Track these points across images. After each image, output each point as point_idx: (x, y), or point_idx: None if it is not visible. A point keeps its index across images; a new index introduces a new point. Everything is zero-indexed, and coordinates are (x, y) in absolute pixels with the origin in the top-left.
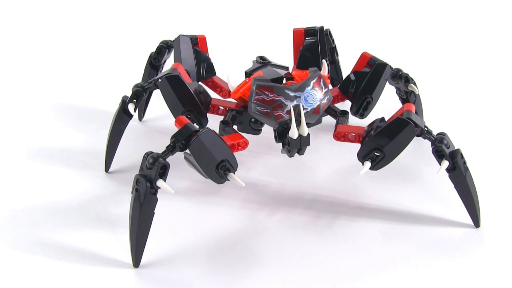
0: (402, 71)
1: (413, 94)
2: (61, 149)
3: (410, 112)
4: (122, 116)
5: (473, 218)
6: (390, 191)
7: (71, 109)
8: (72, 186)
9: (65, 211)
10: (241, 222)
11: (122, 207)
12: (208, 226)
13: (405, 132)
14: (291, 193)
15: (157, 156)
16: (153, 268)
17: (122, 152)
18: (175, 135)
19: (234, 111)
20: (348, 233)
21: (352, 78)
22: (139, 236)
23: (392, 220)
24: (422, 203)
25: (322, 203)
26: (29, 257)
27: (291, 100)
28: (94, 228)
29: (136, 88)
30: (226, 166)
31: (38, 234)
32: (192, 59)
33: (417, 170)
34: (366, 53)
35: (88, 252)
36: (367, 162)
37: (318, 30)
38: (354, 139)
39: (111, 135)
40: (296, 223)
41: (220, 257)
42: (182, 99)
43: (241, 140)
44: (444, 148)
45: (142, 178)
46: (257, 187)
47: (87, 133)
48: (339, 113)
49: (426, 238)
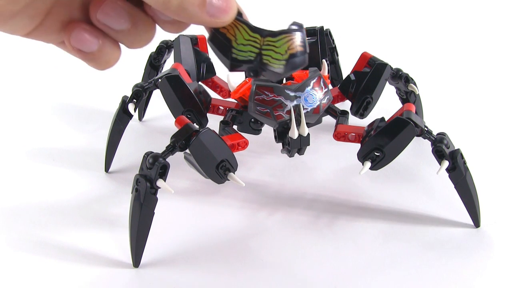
0: (402, 71)
1: (413, 94)
2: (61, 149)
3: (410, 112)
4: (122, 116)
5: (473, 218)
6: (390, 191)
7: (71, 109)
8: (72, 186)
9: (65, 211)
10: (241, 222)
11: (122, 207)
12: (208, 226)
13: (405, 132)
14: (291, 193)
15: (157, 156)
16: (153, 268)
17: (122, 152)
18: (175, 135)
19: (234, 111)
20: (348, 233)
21: (352, 78)
22: (139, 236)
23: (392, 220)
24: (422, 203)
25: (322, 203)
26: (29, 257)
27: (291, 100)
28: (94, 228)
29: (136, 88)
30: (226, 166)
31: (38, 234)
32: (192, 59)
33: (417, 170)
34: (366, 53)
35: (88, 252)
36: (367, 162)
37: (318, 30)
38: (354, 139)
39: (111, 135)
40: (296, 223)
41: (220, 257)
42: (182, 99)
43: (241, 140)
44: (444, 148)
45: (142, 178)
46: (257, 187)
47: (87, 133)
48: (339, 113)
49: (426, 238)
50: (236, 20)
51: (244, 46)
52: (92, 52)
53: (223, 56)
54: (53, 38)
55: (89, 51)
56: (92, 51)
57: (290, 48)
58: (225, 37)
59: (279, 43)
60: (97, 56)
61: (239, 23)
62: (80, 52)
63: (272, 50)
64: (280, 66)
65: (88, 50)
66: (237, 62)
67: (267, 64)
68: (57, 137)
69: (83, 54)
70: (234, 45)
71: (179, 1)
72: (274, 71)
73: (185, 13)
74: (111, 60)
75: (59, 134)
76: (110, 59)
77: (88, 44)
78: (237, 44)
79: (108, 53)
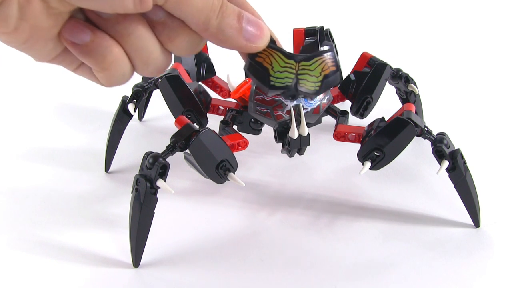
0: (402, 71)
1: (413, 94)
2: (61, 149)
3: (410, 112)
4: (122, 116)
5: (473, 218)
6: (390, 191)
7: (71, 109)
8: (72, 186)
9: (65, 211)
10: (241, 222)
11: (122, 207)
12: (208, 226)
13: (405, 132)
14: (291, 193)
15: (157, 156)
16: (153, 268)
17: (122, 152)
18: (175, 135)
19: (234, 111)
20: (348, 233)
21: (352, 78)
22: (139, 236)
23: (392, 220)
24: (422, 203)
25: (322, 203)
26: (29, 257)
27: (291, 100)
28: (94, 228)
29: (136, 88)
30: (226, 166)
31: (38, 234)
32: (192, 59)
33: (417, 170)
34: (366, 53)
35: (88, 252)
36: (367, 162)
37: (318, 30)
38: (354, 139)
39: (111, 135)
40: (296, 223)
41: (220, 257)
42: (182, 99)
43: (241, 140)
44: (444, 148)
45: (142, 178)
46: (257, 187)
47: (87, 133)
48: (339, 113)
49: (426, 238)
50: (270, 48)
51: (281, 73)
52: (85, 43)
53: (261, 84)
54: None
55: (82, 42)
56: (85, 42)
57: (323, 69)
58: (262, 66)
59: (313, 66)
60: (91, 49)
61: (273, 51)
62: (74, 44)
63: (307, 74)
64: (316, 88)
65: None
66: (275, 89)
67: (304, 87)
68: (57, 137)
69: (77, 46)
70: (271, 73)
71: (218, 23)
72: (311, 93)
73: (223, 35)
74: (112, 59)
75: (59, 134)
76: (106, 53)
77: (80, 35)
78: (274, 72)
79: (102, 46)
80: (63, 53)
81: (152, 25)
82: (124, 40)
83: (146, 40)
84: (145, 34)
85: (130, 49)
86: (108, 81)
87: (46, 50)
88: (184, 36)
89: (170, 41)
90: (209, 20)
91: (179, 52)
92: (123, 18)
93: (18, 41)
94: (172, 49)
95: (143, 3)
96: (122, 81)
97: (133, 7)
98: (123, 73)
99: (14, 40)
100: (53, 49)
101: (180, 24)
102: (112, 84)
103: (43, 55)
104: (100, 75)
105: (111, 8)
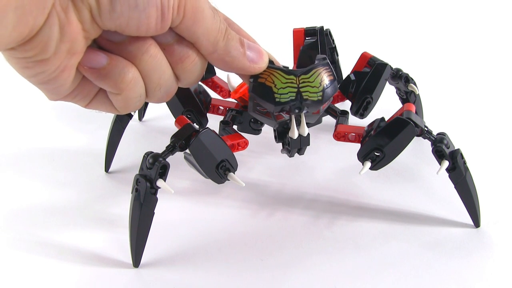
0: (402, 71)
1: (413, 94)
2: (61, 149)
3: (410, 112)
4: (122, 116)
5: (473, 218)
6: (390, 191)
7: (71, 109)
8: (72, 186)
9: (65, 211)
10: (241, 222)
11: (122, 207)
12: (208, 226)
13: (405, 132)
14: (291, 193)
15: (157, 156)
16: (153, 268)
17: (122, 152)
18: (175, 135)
19: (234, 111)
20: (348, 233)
21: (352, 78)
22: (139, 236)
23: (392, 220)
24: (422, 203)
25: (322, 203)
26: (29, 257)
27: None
28: (94, 228)
29: None
30: (226, 166)
31: (38, 234)
32: None
33: (417, 170)
34: (366, 53)
35: (88, 252)
36: (367, 162)
37: (318, 30)
38: (354, 139)
39: (111, 135)
40: (296, 223)
41: (220, 257)
42: (182, 99)
43: (241, 140)
44: (444, 148)
45: (142, 178)
46: (257, 187)
47: (87, 133)
48: (339, 113)
49: (426, 238)
50: (270, 68)
51: (283, 89)
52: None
53: (267, 102)
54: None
55: (98, 66)
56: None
57: (322, 80)
58: (265, 85)
59: (312, 78)
60: (108, 71)
61: (274, 70)
62: (92, 69)
63: (308, 86)
64: (319, 97)
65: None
66: (281, 105)
67: (308, 98)
68: (57, 137)
69: (95, 71)
70: (275, 90)
71: (225, 45)
72: (315, 103)
73: (229, 56)
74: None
75: (59, 134)
76: (123, 73)
77: (97, 59)
78: (277, 89)
79: (119, 67)
80: (78, 87)
81: (162, 47)
82: (138, 60)
83: (159, 58)
84: (158, 52)
85: (144, 69)
86: (125, 104)
87: (68, 82)
88: (193, 57)
89: (181, 62)
90: (217, 42)
91: (186, 74)
92: (135, 40)
93: (49, 69)
94: (181, 72)
95: (164, 21)
96: (137, 104)
97: (154, 25)
98: (139, 94)
99: (46, 69)
100: (72, 82)
101: (188, 47)
102: (128, 108)
103: (63, 88)
104: (117, 98)
105: (136, 27)
